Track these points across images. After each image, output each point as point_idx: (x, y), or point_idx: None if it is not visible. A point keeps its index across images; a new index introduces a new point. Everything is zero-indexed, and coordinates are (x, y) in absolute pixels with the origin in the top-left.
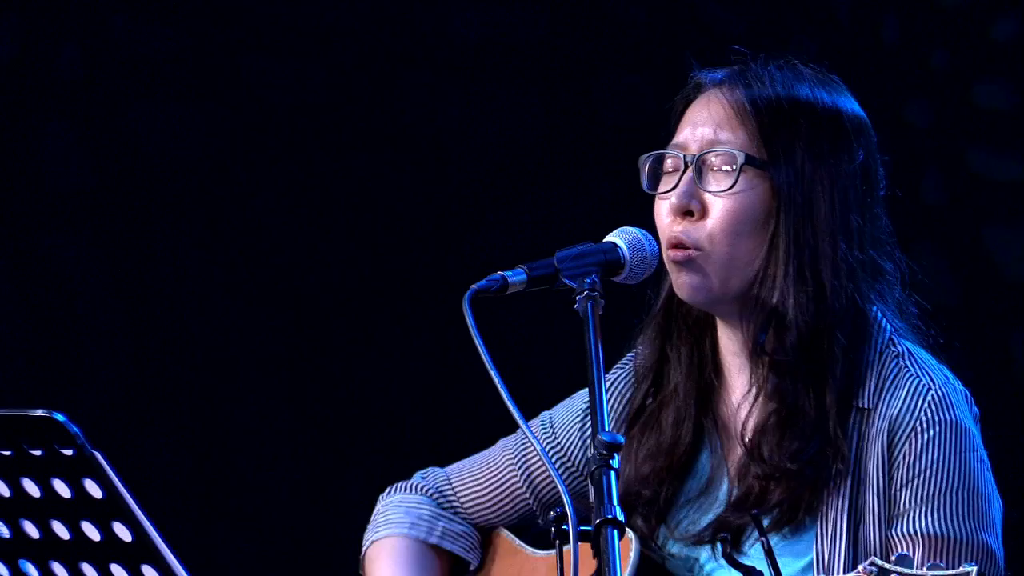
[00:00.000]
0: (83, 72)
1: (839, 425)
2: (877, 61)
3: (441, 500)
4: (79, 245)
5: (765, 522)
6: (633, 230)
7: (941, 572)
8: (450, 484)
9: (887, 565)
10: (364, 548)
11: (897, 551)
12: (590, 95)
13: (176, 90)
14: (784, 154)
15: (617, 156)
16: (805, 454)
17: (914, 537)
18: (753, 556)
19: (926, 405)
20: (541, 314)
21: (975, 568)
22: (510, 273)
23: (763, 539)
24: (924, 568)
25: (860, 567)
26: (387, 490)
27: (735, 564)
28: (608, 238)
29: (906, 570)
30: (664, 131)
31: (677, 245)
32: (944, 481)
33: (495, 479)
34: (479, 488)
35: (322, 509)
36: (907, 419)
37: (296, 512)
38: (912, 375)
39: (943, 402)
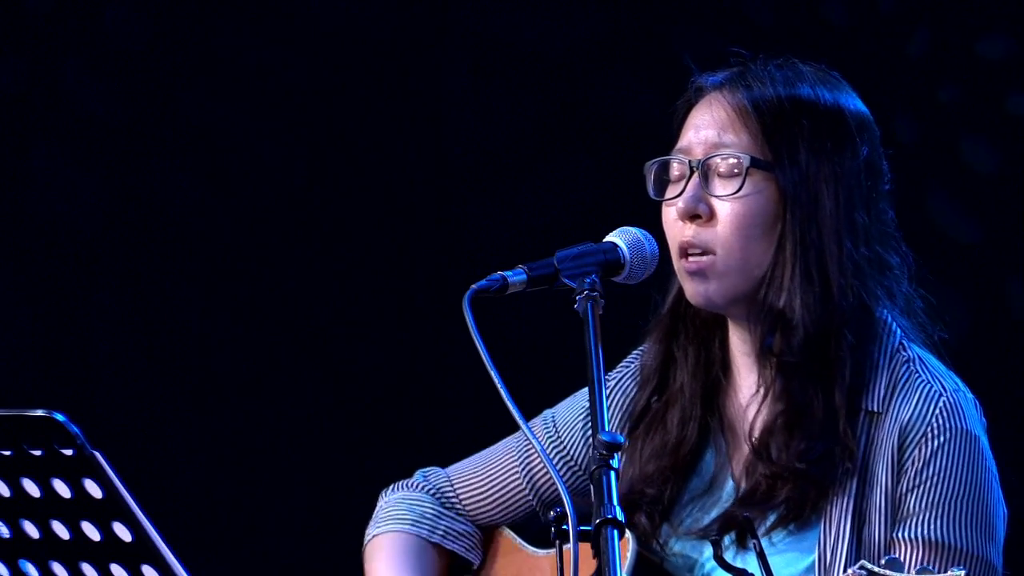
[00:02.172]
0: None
1: (848, 425)
2: (890, 65)
3: (443, 499)
4: (78, 244)
5: (771, 518)
6: (633, 230)
7: None
8: (451, 484)
9: (876, 568)
10: (365, 542)
11: (898, 554)
12: (592, 95)
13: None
14: (788, 154)
15: (618, 156)
16: (813, 453)
17: (915, 542)
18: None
19: (937, 412)
20: (541, 314)
21: (963, 572)
22: (510, 273)
23: (755, 542)
24: (914, 572)
25: (850, 570)
26: (388, 488)
27: (727, 567)
28: (608, 238)
29: (895, 573)
30: (666, 129)
31: (688, 253)
32: (951, 489)
33: (496, 478)
34: (480, 487)
35: (322, 509)
36: (918, 425)
37: (296, 512)
38: (924, 381)
39: (954, 409)
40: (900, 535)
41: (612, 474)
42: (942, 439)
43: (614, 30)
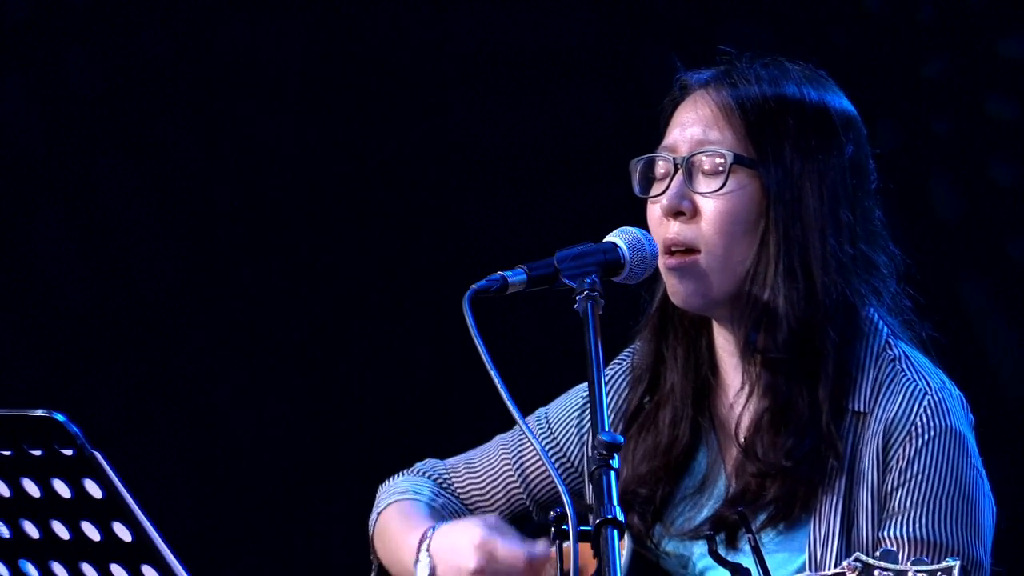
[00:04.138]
0: None
1: (833, 423)
2: (900, 73)
3: (441, 483)
4: (78, 244)
5: (761, 517)
6: (633, 230)
7: (925, 567)
8: (448, 474)
9: (871, 560)
10: (372, 525)
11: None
12: (591, 95)
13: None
14: (772, 152)
15: (618, 156)
16: (799, 451)
17: (902, 540)
18: (748, 552)
19: (922, 410)
20: (541, 314)
21: (958, 563)
22: (510, 273)
23: (750, 536)
24: (908, 563)
25: (845, 563)
26: (387, 479)
27: (722, 562)
28: (608, 238)
29: (890, 565)
30: (658, 129)
31: (672, 251)
32: (936, 487)
33: (491, 473)
34: (475, 481)
35: (322, 509)
36: (902, 423)
37: (296, 511)
38: (908, 379)
39: (939, 408)
40: (886, 534)
41: (612, 474)
42: (926, 437)
43: (617, 26)
